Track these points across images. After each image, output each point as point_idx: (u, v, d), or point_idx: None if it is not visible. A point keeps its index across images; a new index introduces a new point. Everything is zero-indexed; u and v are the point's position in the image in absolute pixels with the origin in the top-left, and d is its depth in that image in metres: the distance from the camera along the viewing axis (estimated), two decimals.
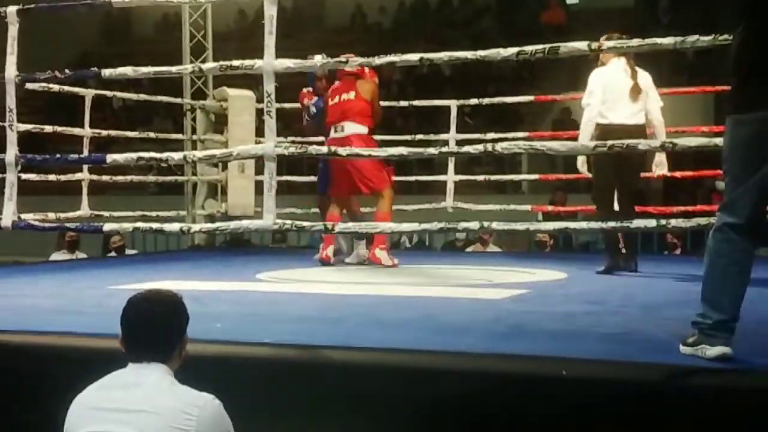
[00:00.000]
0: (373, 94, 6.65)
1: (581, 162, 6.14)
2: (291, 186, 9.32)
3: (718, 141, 3.80)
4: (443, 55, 4.71)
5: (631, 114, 5.90)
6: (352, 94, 6.58)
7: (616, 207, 6.04)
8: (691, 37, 4.05)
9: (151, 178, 11.75)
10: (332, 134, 6.57)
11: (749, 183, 3.04)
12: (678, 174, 7.81)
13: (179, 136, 9.10)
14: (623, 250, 6.22)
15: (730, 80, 3.16)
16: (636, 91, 5.93)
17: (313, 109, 7.20)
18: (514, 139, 7.68)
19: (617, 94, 5.92)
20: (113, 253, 9.20)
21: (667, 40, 4.16)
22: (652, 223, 4.36)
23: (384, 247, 6.55)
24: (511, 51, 4.35)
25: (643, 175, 6.34)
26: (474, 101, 8.69)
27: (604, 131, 5.76)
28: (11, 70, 5.05)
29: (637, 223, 4.44)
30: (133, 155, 5.24)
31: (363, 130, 6.55)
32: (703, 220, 4.11)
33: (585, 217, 7.28)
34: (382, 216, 6.42)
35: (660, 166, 6.24)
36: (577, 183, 11.09)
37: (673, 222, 4.27)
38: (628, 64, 6.02)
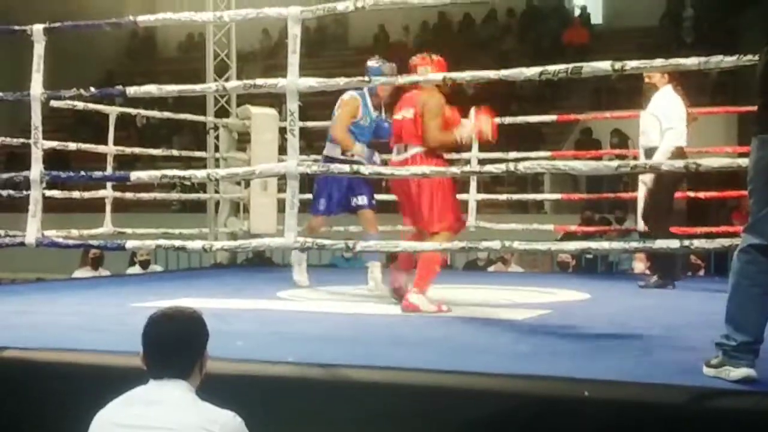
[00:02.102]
0: (425, 108, 5.29)
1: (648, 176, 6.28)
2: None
3: (742, 161, 3.78)
4: (466, 75, 4.72)
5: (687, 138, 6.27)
6: (410, 112, 5.37)
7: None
8: (715, 57, 4.04)
9: (174, 195, 11.82)
10: (393, 156, 5.48)
11: None
12: (701, 195, 7.77)
13: (202, 154, 9.14)
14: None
15: (757, 101, 3.14)
16: (691, 117, 6.31)
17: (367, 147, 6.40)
18: (536, 158, 7.66)
19: (684, 119, 6.24)
20: (137, 267, 9.24)
21: (691, 61, 4.14)
22: (675, 244, 4.33)
23: (422, 290, 5.13)
24: (534, 70, 4.35)
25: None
26: (496, 120, 8.66)
27: (680, 154, 5.97)
28: (37, 88, 5.09)
29: (660, 244, 4.41)
30: (157, 173, 5.27)
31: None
32: (726, 241, 4.08)
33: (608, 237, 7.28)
34: (424, 259, 5.15)
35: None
36: (600, 203, 11.10)
37: (696, 243, 4.25)
38: (676, 89, 6.28)
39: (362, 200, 6.35)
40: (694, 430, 2.84)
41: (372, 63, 6.31)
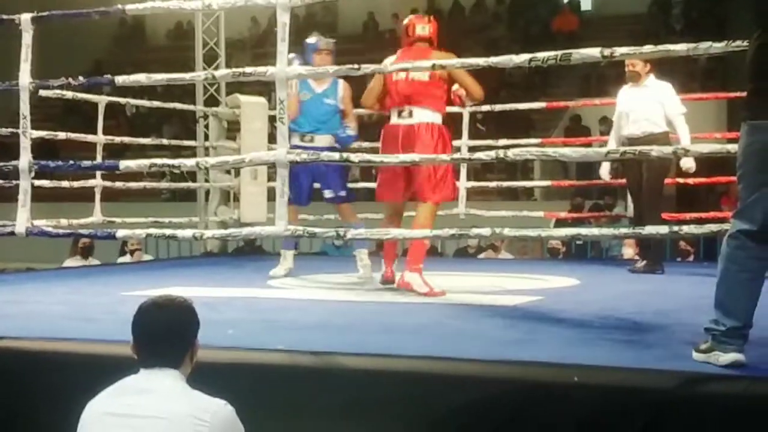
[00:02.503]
0: (454, 73, 5.35)
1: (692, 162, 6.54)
2: None
3: (731, 147, 3.79)
4: (455, 62, 4.72)
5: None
6: (425, 74, 5.31)
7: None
8: (704, 43, 4.05)
9: (164, 184, 11.79)
10: (394, 119, 5.43)
11: (764, 189, 3.03)
12: (690, 180, 7.79)
13: (192, 142, 9.13)
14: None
15: (747, 86, 3.15)
16: None
17: (343, 135, 6.30)
18: (526, 145, 7.67)
19: None
20: (128, 257, 9.23)
21: (680, 47, 4.15)
22: (664, 229, 4.34)
23: (418, 267, 5.26)
24: (524, 57, 4.36)
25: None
26: (486, 108, 8.69)
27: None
28: (25, 77, 5.07)
29: (649, 229, 4.43)
30: (146, 162, 5.26)
31: (437, 118, 5.41)
32: (715, 227, 4.10)
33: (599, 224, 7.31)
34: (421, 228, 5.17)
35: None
36: (589, 190, 11.13)
37: (686, 228, 4.26)
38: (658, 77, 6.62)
39: (330, 194, 6.29)
40: (683, 414, 2.85)
41: (309, 39, 6.39)
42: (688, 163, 6.56)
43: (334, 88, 6.31)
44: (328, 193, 6.31)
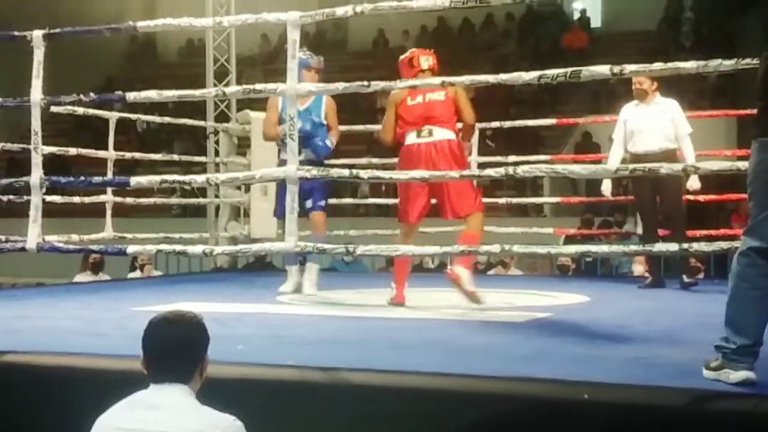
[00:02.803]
0: (458, 91, 5.55)
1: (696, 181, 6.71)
2: None
3: (741, 165, 3.79)
4: (465, 79, 4.72)
5: None
6: (441, 95, 5.52)
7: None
8: (714, 61, 4.05)
9: (174, 200, 11.81)
10: (413, 139, 5.51)
11: None
12: (701, 198, 7.78)
13: (202, 158, 9.15)
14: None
15: (757, 104, 3.15)
16: None
17: (320, 145, 6.31)
18: (535, 162, 7.67)
19: None
20: (138, 271, 9.25)
21: (690, 64, 4.16)
22: (674, 247, 4.34)
23: (469, 265, 5.45)
24: (533, 75, 4.37)
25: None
26: (495, 124, 8.70)
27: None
28: (37, 94, 5.10)
29: (659, 247, 4.42)
30: (157, 178, 5.28)
31: (453, 136, 5.54)
32: (725, 244, 4.09)
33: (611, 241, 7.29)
34: (475, 237, 5.40)
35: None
36: (599, 206, 11.11)
37: (696, 246, 4.25)
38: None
39: (310, 203, 6.28)
40: None
41: (300, 54, 6.38)
42: (695, 184, 6.63)
43: (318, 104, 6.32)
44: (309, 203, 6.29)
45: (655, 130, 6.56)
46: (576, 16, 18.02)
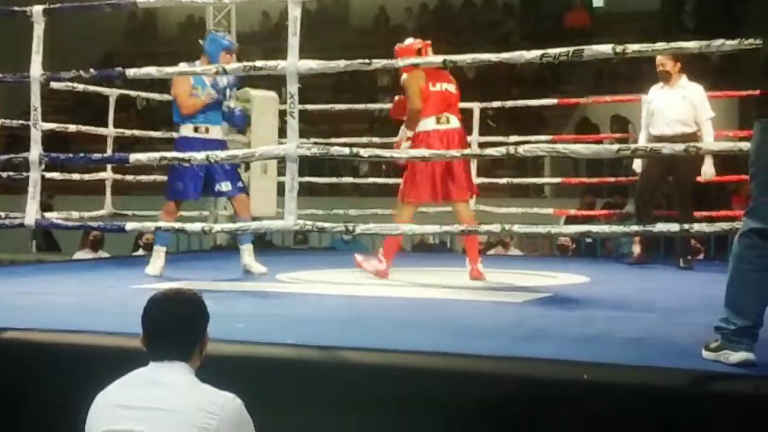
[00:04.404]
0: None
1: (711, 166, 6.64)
2: (312, 187, 9.33)
3: (743, 145, 3.78)
4: (467, 57, 4.70)
5: None
6: (453, 87, 5.92)
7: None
8: (717, 41, 4.02)
9: None
10: (433, 125, 5.76)
11: None
12: (701, 179, 7.76)
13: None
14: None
15: (760, 84, 3.13)
16: None
17: (223, 81, 6.23)
18: (536, 142, 7.65)
19: None
20: (141, 251, 9.24)
21: (692, 44, 4.14)
22: (675, 227, 4.33)
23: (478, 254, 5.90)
24: (535, 54, 4.35)
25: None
26: (497, 104, 8.68)
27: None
28: (36, 69, 5.08)
29: (660, 227, 4.42)
30: (157, 155, 5.27)
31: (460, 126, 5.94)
32: (726, 225, 4.08)
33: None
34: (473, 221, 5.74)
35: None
36: (599, 187, 11.10)
37: (696, 227, 4.25)
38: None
39: (227, 186, 6.20)
40: (692, 413, 2.85)
41: (223, 37, 6.42)
42: (708, 170, 6.59)
43: (222, 80, 6.25)
44: (225, 186, 6.20)
45: (671, 114, 6.53)
46: None
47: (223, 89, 6.18)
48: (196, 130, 6.20)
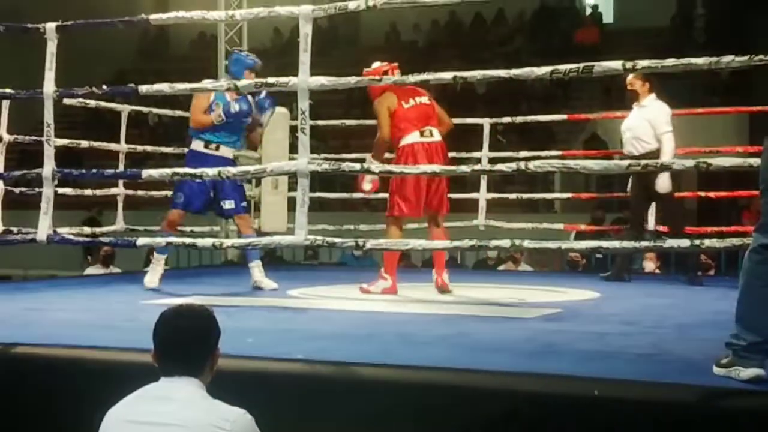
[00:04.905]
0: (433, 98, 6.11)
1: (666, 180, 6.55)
2: (323, 203, 9.34)
3: (753, 161, 3.78)
4: (477, 74, 4.72)
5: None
6: (426, 99, 5.98)
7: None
8: (726, 57, 4.03)
9: None
10: (417, 138, 5.83)
11: None
12: (712, 194, 7.76)
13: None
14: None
15: None
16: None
17: (236, 108, 6.19)
18: (546, 157, 7.66)
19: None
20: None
21: (702, 60, 4.14)
22: (686, 243, 4.33)
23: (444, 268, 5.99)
24: (545, 70, 4.35)
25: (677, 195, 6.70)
26: (507, 119, 8.69)
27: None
28: (49, 86, 5.11)
29: (671, 243, 4.41)
30: (168, 171, 5.29)
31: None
32: (737, 241, 4.07)
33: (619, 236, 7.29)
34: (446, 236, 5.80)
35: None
36: (610, 202, 11.09)
37: (707, 242, 4.24)
38: (660, 96, 6.71)
39: (231, 205, 6.26)
40: (703, 429, 2.84)
41: (247, 56, 6.44)
42: (663, 184, 6.53)
43: (245, 100, 6.29)
44: (227, 204, 6.26)
45: (635, 132, 6.68)
46: (588, 11, 17.95)
47: (235, 114, 6.19)
48: (206, 146, 6.25)
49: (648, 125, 6.60)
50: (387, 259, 5.96)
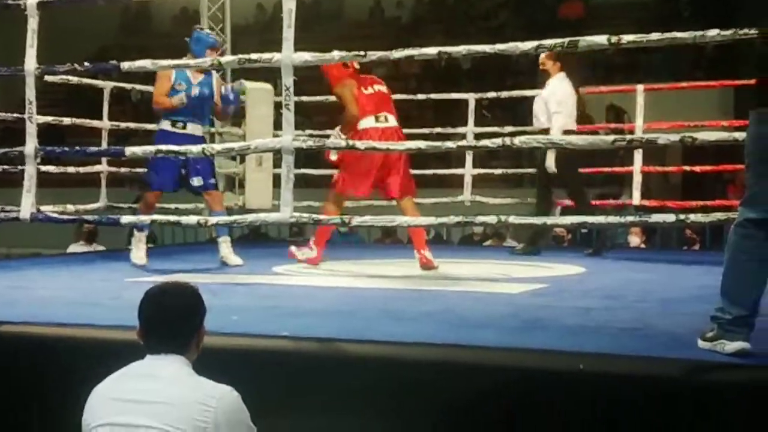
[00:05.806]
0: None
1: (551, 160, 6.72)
2: (308, 179, 9.30)
3: (738, 135, 3.78)
4: (461, 49, 4.69)
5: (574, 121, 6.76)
6: (384, 87, 6.24)
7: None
8: (711, 31, 4.02)
9: None
10: (372, 123, 6.01)
11: None
12: (697, 169, 7.77)
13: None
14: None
15: (756, 74, 3.13)
16: (581, 103, 6.91)
17: (196, 92, 6.26)
18: (532, 132, 7.65)
19: (572, 104, 6.77)
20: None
21: (687, 35, 4.13)
22: (671, 218, 4.33)
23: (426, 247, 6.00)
24: (530, 45, 4.34)
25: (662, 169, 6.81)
26: (492, 94, 8.67)
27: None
28: (31, 63, 5.07)
29: (656, 218, 4.42)
30: (152, 148, 5.27)
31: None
32: (722, 215, 4.09)
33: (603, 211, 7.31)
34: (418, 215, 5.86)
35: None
36: (594, 177, 11.10)
37: (692, 217, 4.25)
38: (571, 76, 6.85)
39: (199, 182, 6.26)
40: (689, 403, 2.85)
41: (208, 35, 6.50)
42: (549, 162, 6.73)
43: (208, 80, 6.37)
44: (197, 181, 6.26)
45: (535, 113, 6.92)
46: None
47: (196, 98, 6.23)
48: (173, 125, 6.27)
49: (542, 104, 6.76)
50: (319, 231, 6.18)
